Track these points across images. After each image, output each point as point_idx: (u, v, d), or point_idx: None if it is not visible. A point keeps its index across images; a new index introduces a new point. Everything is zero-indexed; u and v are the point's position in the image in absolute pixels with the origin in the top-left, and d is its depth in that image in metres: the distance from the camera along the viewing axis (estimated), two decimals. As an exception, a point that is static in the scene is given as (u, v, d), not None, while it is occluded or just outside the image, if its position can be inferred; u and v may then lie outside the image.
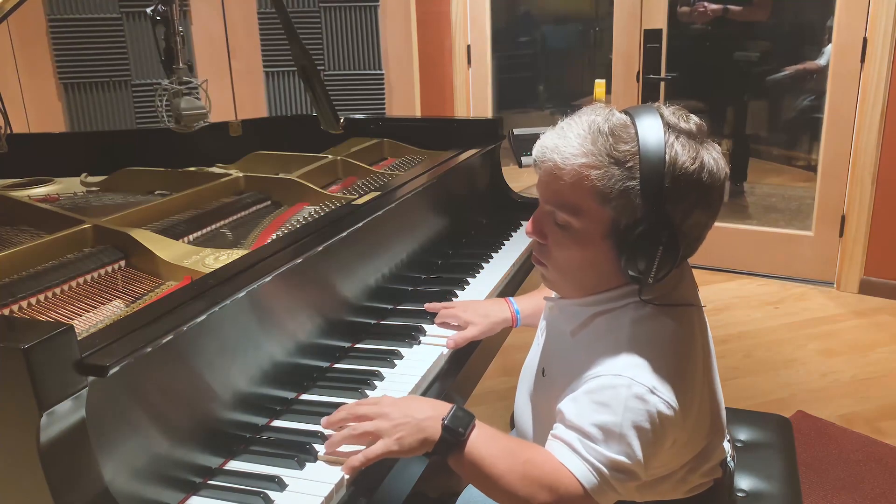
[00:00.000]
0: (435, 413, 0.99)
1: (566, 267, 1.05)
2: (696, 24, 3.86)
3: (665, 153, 0.94)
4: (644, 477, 0.96)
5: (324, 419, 1.08)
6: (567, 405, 0.98)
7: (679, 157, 0.94)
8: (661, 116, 0.97)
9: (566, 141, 0.98)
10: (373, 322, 1.46)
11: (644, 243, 0.95)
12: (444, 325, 1.42)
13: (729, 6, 3.78)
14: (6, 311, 1.09)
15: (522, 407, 1.21)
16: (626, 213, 0.96)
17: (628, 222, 0.96)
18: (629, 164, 0.95)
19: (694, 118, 1.01)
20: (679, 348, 1.00)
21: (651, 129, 0.95)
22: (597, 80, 3.81)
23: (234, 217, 1.61)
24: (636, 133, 0.96)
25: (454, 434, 0.96)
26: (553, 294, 1.19)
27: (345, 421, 1.04)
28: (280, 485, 0.97)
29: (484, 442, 0.97)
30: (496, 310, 1.44)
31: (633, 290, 1.01)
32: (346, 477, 1.00)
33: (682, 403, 0.96)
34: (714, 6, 3.77)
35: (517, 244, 1.90)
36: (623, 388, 0.94)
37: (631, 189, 0.94)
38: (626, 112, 1.00)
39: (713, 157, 0.98)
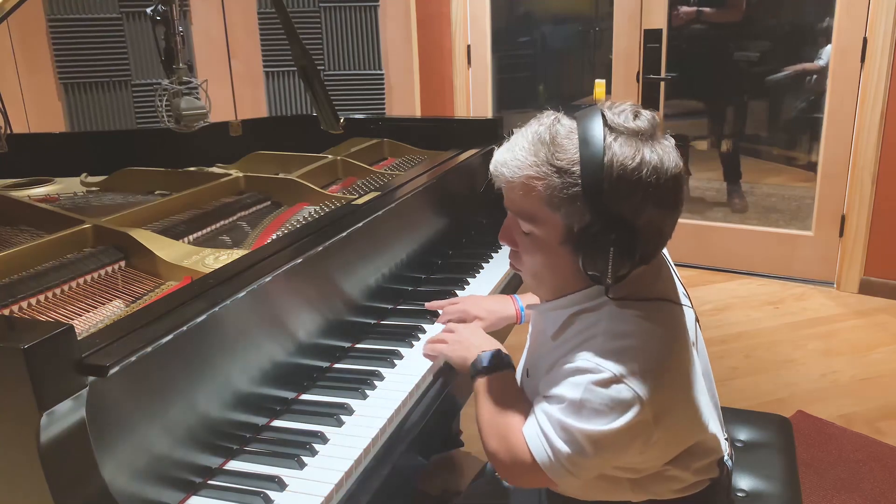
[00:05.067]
0: (483, 346, 1.22)
1: (536, 271, 1.08)
2: (689, 25, 3.87)
3: (603, 155, 0.95)
4: (591, 460, 0.98)
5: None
6: (542, 388, 1.06)
7: (617, 157, 0.95)
8: (604, 118, 0.98)
9: (513, 154, 1.02)
10: (373, 322, 1.46)
11: (597, 245, 0.97)
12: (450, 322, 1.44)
13: (702, 9, 3.79)
14: (6, 312, 1.09)
15: None
16: (576, 217, 0.98)
17: (580, 226, 0.98)
18: (571, 171, 0.97)
19: (646, 114, 1.01)
20: (653, 344, 1.00)
21: (591, 133, 0.97)
22: (597, 80, 3.81)
23: (234, 217, 1.61)
24: (579, 138, 0.98)
25: (478, 364, 1.18)
26: (536, 300, 1.21)
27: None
28: (280, 485, 0.97)
29: (492, 388, 1.14)
30: (501, 306, 1.45)
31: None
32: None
33: (653, 397, 0.96)
34: (687, 9, 3.78)
35: (517, 244, 1.90)
36: (588, 374, 0.97)
37: (576, 195, 0.96)
38: (573, 117, 1.02)
39: (658, 153, 0.97)
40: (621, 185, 0.95)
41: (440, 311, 1.48)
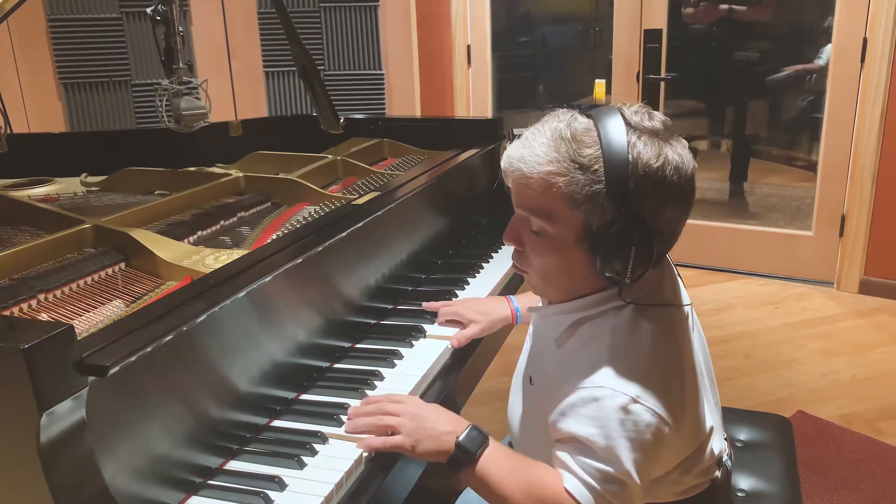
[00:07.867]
0: (453, 429, 1.04)
1: (546, 272, 1.06)
2: (698, 24, 3.86)
3: (628, 154, 0.95)
4: (637, 486, 0.96)
5: (352, 409, 1.13)
6: (558, 419, 1.00)
7: (642, 156, 0.95)
8: (623, 117, 0.98)
9: (531, 150, 0.99)
10: (373, 322, 1.46)
11: (617, 244, 0.96)
12: (446, 323, 1.43)
13: (733, 6, 3.78)
14: (6, 312, 1.09)
15: (514, 413, 1.22)
16: (597, 216, 0.97)
17: (600, 225, 0.97)
18: (594, 168, 0.96)
19: (658, 115, 1.01)
20: (661, 353, 1.00)
21: (613, 131, 0.96)
22: (597, 80, 3.81)
23: (234, 217, 1.61)
24: (599, 136, 0.97)
25: (466, 453, 1.02)
26: (538, 303, 1.20)
27: (370, 415, 1.09)
28: (280, 485, 0.97)
29: (494, 461, 1.01)
30: (496, 307, 1.45)
31: (613, 294, 1.02)
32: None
33: (669, 408, 0.96)
34: (717, 6, 3.77)
35: (517, 244, 1.90)
36: (606, 400, 0.94)
37: (598, 192, 0.95)
38: (588, 115, 1.01)
39: (678, 153, 0.98)
40: (646, 183, 0.95)
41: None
